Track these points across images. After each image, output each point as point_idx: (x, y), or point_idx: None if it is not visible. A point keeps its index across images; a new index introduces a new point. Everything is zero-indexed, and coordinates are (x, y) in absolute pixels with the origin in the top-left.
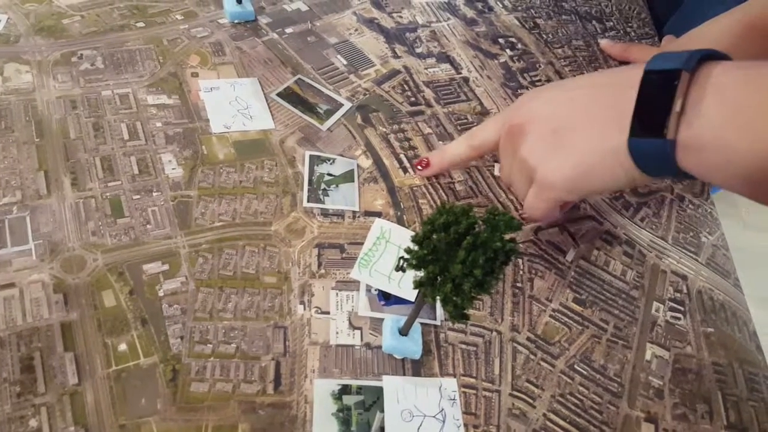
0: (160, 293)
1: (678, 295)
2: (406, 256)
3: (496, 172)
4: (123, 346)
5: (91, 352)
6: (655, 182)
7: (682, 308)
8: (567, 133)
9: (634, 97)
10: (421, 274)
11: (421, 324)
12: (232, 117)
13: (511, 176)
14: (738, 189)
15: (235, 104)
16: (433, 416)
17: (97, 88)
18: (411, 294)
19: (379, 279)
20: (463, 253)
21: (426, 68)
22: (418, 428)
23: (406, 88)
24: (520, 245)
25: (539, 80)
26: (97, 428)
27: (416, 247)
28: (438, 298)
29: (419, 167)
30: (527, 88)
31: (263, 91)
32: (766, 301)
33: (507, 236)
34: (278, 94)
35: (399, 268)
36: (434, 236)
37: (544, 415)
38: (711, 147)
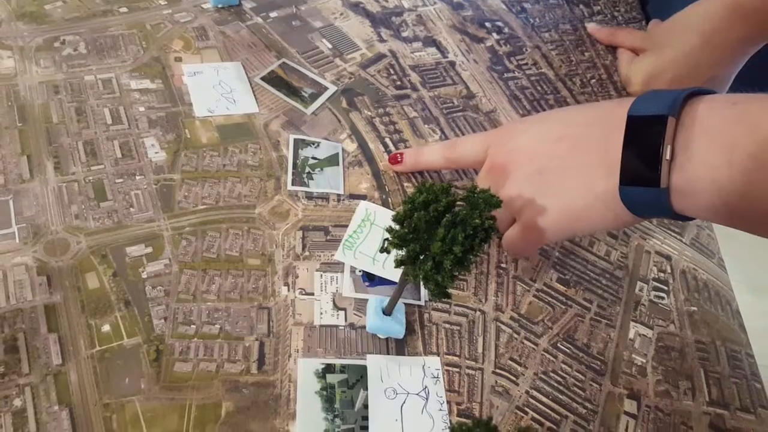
0: (144, 275)
1: (662, 275)
2: (388, 236)
3: None
4: (106, 327)
5: (75, 333)
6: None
7: (665, 288)
8: (553, 175)
9: (620, 142)
10: (402, 252)
11: (405, 304)
12: (215, 101)
13: None
14: (742, 228)
15: (218, 88)
16: (417, 394)
17: (80, 74)
18: (396, 274)
19: (363, 260)
20: (442, 230)
21: (412, 52)
22: (402, 405)
23: (392, 71)
24: None
25: (525, 64)
26: (81, 407)
27: (397, 226)
28: (419, 276)
29: (392, 161)
30: (513, 72)
31: (247, 75)
32: (758, 289)
33: (487, 214)
34: (262, 78)
35: (384, 250)
36: (415, 215)
37: (527, 392)
38: (707, 191)
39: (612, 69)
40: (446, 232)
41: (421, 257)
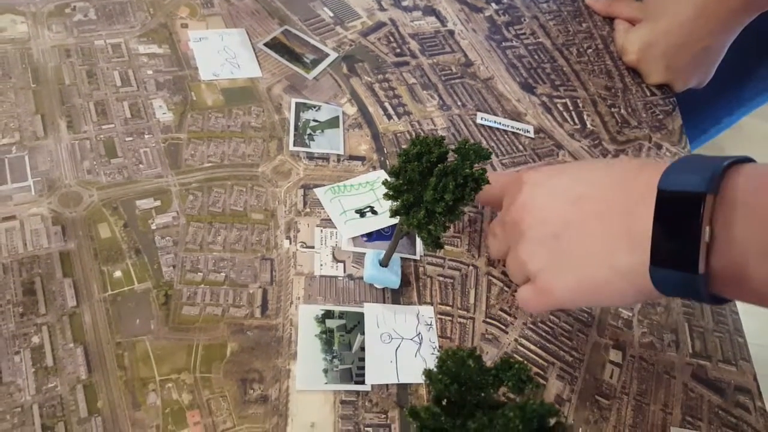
0: (153, 227)
1: None
2: (384, 189)
3: (479, 120)
4: (118, 273)
5: (89, 278)
6: None
7: None
8: (570, 241)
9: (647, 215)
10: (397, 203)
11: (402, 258)
12: (220, 65)
13: (508, 267)
14: None
15: (223, 53)
16: (411, 339)
17: (90, 38)
18: (353, 232)
19: (334, 207)
20: (434, 179)
21: (412, 21)
22: (396, 349)
23: (392, 39)
24: None
25: (523, 33)
26: (95, 345)
27: (392, 179)
28: (413, 224)
29: None
30: (511, 41)
31: (251, 41)
32: None
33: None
34: (265, 45)
35: (360, 212)
36: (408, 166)
37: (516, 340)
38: (756, 278)
39: (609, 39)
40: (438, 180)
41: (415, 208)
